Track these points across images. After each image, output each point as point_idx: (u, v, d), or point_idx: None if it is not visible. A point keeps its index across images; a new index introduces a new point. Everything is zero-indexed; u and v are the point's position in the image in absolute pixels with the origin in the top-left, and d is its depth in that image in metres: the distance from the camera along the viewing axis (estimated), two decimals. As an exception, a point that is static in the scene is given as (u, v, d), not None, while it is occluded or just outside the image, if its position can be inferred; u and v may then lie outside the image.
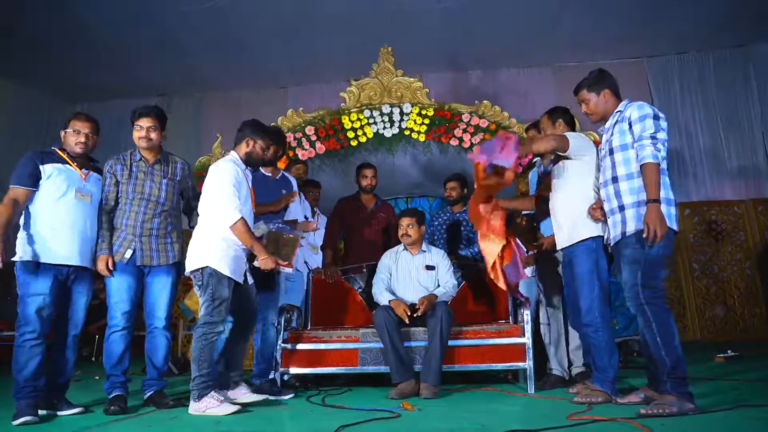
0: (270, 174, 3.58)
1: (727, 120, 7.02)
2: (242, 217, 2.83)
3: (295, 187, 3.71)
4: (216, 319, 2.82)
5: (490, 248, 3.03)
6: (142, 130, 3.06)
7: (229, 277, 2.84)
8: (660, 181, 2.44)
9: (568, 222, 2.84)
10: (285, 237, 3.14)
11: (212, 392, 2.74)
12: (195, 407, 2.71)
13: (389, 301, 3.38)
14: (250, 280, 3.09)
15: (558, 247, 2.95)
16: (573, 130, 3.12)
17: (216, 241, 2.86)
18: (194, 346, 2.82)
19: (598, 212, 2.70)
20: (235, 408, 2.70)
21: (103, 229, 3.00)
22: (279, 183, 3.62)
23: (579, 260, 2.78)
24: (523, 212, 3.62)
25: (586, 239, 2.76)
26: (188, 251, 2.95)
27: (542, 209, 3.15)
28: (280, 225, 3.37)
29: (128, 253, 2.96)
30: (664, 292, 2.50)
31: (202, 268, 2.84)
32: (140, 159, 3.12)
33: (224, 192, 2.85)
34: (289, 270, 3.13)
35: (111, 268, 2.94)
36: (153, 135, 3.08)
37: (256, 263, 2.96)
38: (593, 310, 2.73)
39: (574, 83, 2.85)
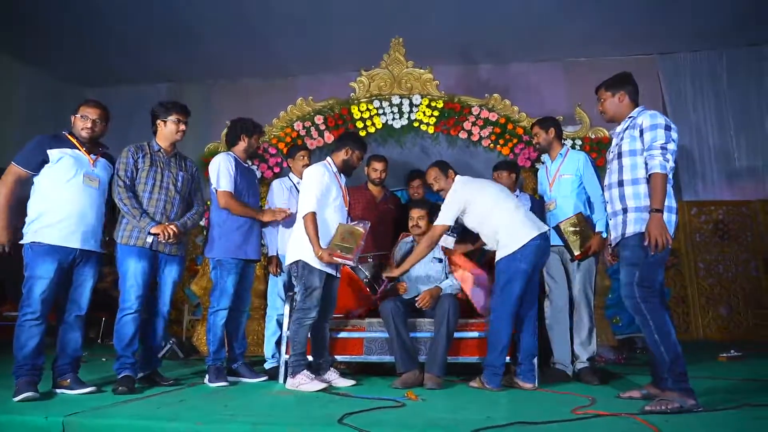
0: (246, 164, 3.70)
1: (738, 120, 6.96)
2: (312, 212, 3.11)
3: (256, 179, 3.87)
4: (309, 305, 3.11)
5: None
6: (181, 123, 3.24)
7: (320, 269, 3.11)
8: (665, 193, 2.49)
9: (494, 246, 3.20)
10: (352, 230, 3.28)
11: (305, 370, 3.07)
12: (290, 382, 3.09)
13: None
14: (338, 274, 3.33)
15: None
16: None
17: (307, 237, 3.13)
18: (290, 329, 3.18)
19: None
20: (324, 386, 3.02)
21: (137, 208, 3.05)
22: (251, 172, 3.77)
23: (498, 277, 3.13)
24: None
25: (502, 258, 3.10)
26: (287, 247, 3.29)
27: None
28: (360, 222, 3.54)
29: (150, 238, 3.06)
30: (659, 292, 2.54)
31: (296, 261, 3.16)
32: (159, 150, 3.24)
33: (308, 191, 3.18)
34: (350, 263, 3.26)
35: (168, 226, 3.09)
36: (185, 129, 3.29)
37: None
38: (492, 309, 3.09)
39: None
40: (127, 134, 7.35)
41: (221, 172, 3.39)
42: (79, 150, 2.99)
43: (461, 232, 3.59)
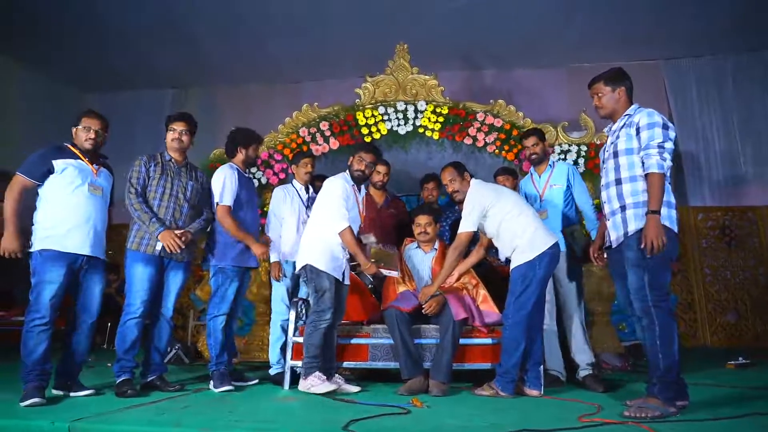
0: (247, 174, 3.75)
1: (743, 125, 6.93)
2: (349, 226, 3.21)
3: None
4: (322, 307, 3.15)
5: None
6: (176, 132, 3.31)
7: (327, 273, 3.17)
8: (663, 192, 2.48)
9: (510, 253, 3.14)
10: (387, 253, 3.50)
11: (317, 372, 3.10)
12: (302, 384, 3.13)
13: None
14: (347, 281, 3.35)
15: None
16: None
17: (317, 243, 3.25)
18: (305, 332, 3.21)
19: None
20: (335, 387, 3.06)
21: (147, 213, 3.13)
22: (251, 182, 3.81)
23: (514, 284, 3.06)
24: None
25: (520, 265, 3.03)
26: (298, 253, 3.35)
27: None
28: (382, 245, 3.64)
29: (159, 246, 3.13)
30: (669, 295, 2.54)
31: (304, 266, 3.25)
32: (170, 159, 3.32)
33: (336, 203, 3.25)
34: (395, 274, 3.48)
35: (176, 237, 3.14)
36: (185, 138, 3.33)
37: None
38: (506, 316, 3.04)
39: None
40: (132, 140, 7.42)
41: (226, 186, 3.40)
42: (82, 160, 3.04)
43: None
